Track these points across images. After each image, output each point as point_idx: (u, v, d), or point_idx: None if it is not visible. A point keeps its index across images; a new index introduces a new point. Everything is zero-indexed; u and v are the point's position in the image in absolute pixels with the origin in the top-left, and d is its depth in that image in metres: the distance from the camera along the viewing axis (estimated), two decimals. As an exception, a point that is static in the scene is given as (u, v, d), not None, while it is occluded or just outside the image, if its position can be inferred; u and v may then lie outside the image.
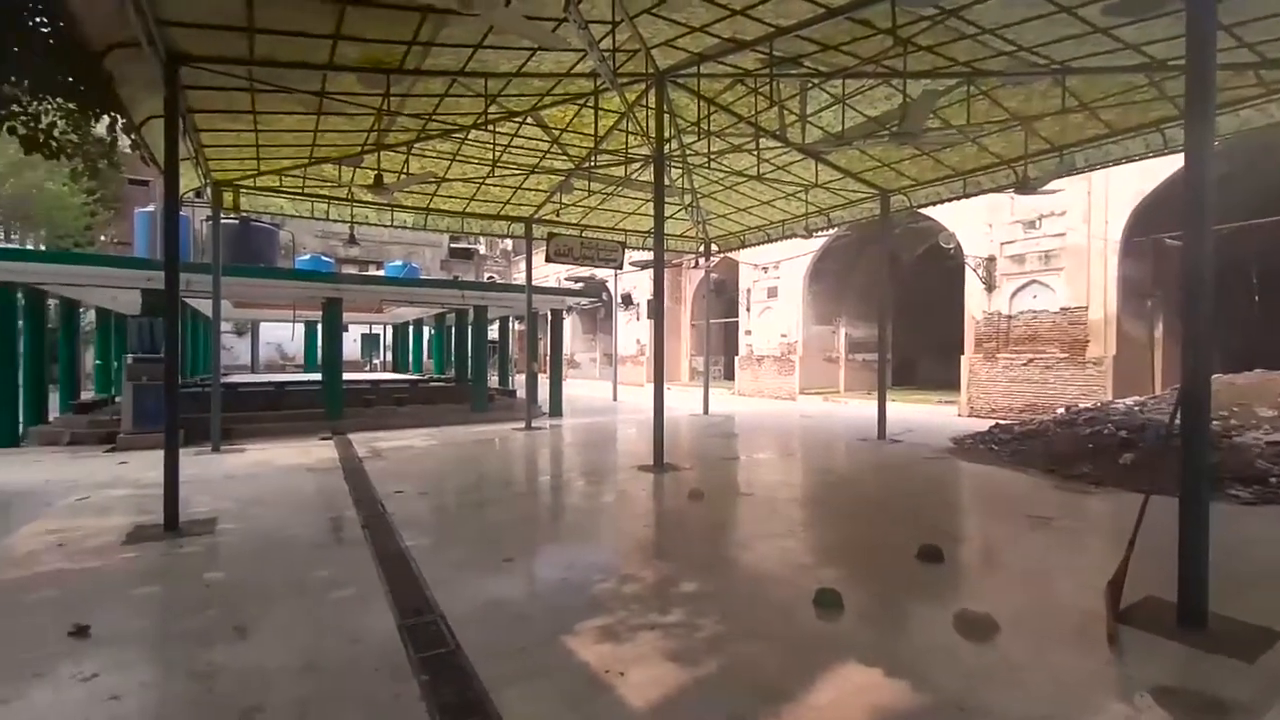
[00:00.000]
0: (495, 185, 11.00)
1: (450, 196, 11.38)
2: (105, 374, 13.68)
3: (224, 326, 11.93)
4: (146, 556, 4.33)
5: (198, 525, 4.99)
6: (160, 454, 5.11)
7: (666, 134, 8.20)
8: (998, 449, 8.61)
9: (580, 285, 25.13)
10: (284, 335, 28.12)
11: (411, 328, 21.78)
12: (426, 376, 17.83)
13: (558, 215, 12.60)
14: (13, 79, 4.73)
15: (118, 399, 10.93)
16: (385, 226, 11.89)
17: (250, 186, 9.89)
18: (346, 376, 12.58)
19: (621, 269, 14.78)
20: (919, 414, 13.85)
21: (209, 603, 3.54)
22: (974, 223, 13.60)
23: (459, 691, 2.61)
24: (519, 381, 17.52)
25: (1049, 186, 8.69)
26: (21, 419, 9.47)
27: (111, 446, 9.00)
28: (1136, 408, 9.00)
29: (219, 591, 3.73)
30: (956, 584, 4.00)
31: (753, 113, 8.53)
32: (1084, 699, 2.61)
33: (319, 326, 18.03)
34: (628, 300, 25.51)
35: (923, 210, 11.63)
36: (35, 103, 5.14)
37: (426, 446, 9.55)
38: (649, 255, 17.59)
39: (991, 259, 13.45)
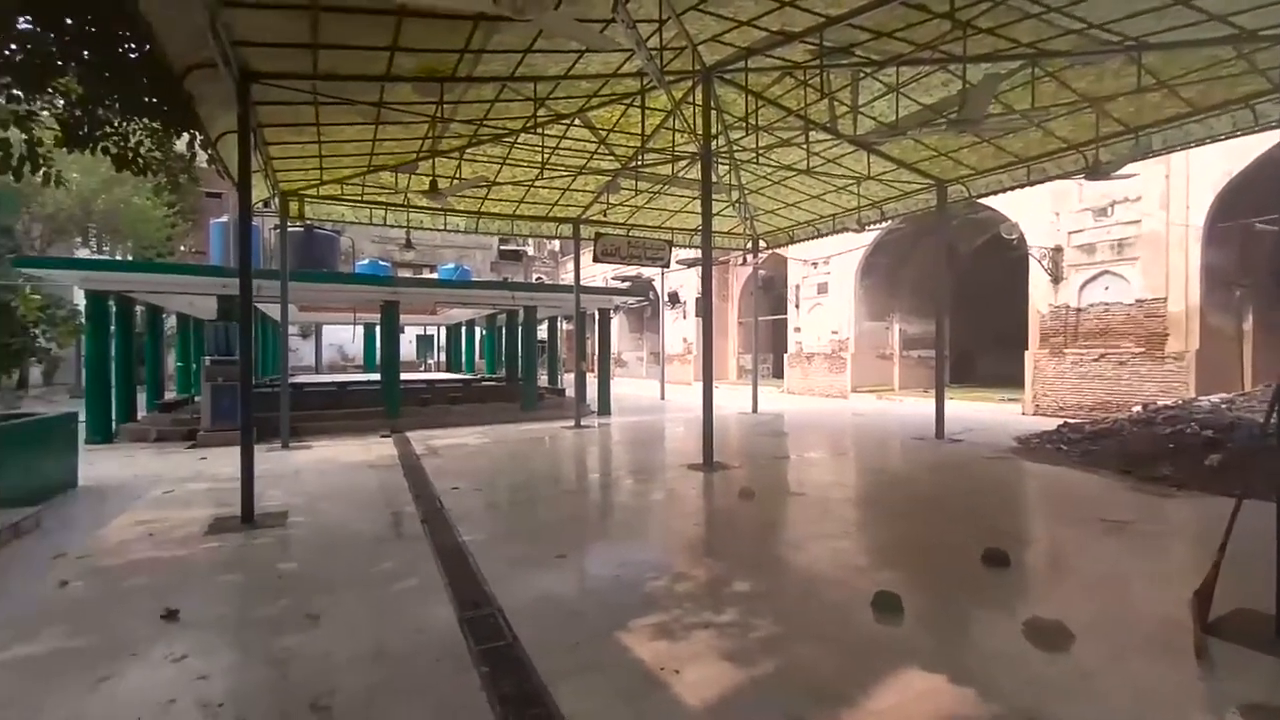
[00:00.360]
0: (544, 187, 11.17)
1: (500, 199, 11.63)
2: (185, 375, 14.61)
3: (290, 329, 12.55)
4: (226, 547, 4.60)
5: (271, 518, 5.27)
6: (235, 450, 5.42)
7: (713, 130, 8.14)
8: (1067, 449, 8.19)
9: (627, 284, 25.25)
10: (345, 337, 29.38)
11: (464, 329, 22.36)
12: (479, 376, 18.29)
13: (605, 215, 12.69)
14: (105, 102, 5.10)
15: (197, 398, 11.65)
16: (439, 230, 12.26)
17: (314, 195, 10.37)
18: (403, 376, 13.02)
19: (668, 267, 14.76)
20: (980, 412, 13.31)
21: (282, 592, 3.74)
22: (1038, 212, 12.95)
23: (518, 683, 2.67)
24: (567, 380, 17.75)
25: (1123, 171, 8.18)
26: (114, 417, 10.22)
27: (192, 443, 9.61)
28: (1224, 405, 8.39)
29: (291, 581, 3.93)
30: (1025, 590, 3.83)
31: (802, 106, 8.37)
32: (1167, 714, 2.46)
33: (377, 329, 18.77)
34: (674, 299, 25.48)
35: (982, 200, 11.16)
36: (125, 123, 5.53)
37: (479, 444, 9.79)
38: (696, 253, 17.54)
39: (1058, 249, 12.78)
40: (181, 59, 4.79)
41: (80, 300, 15.18)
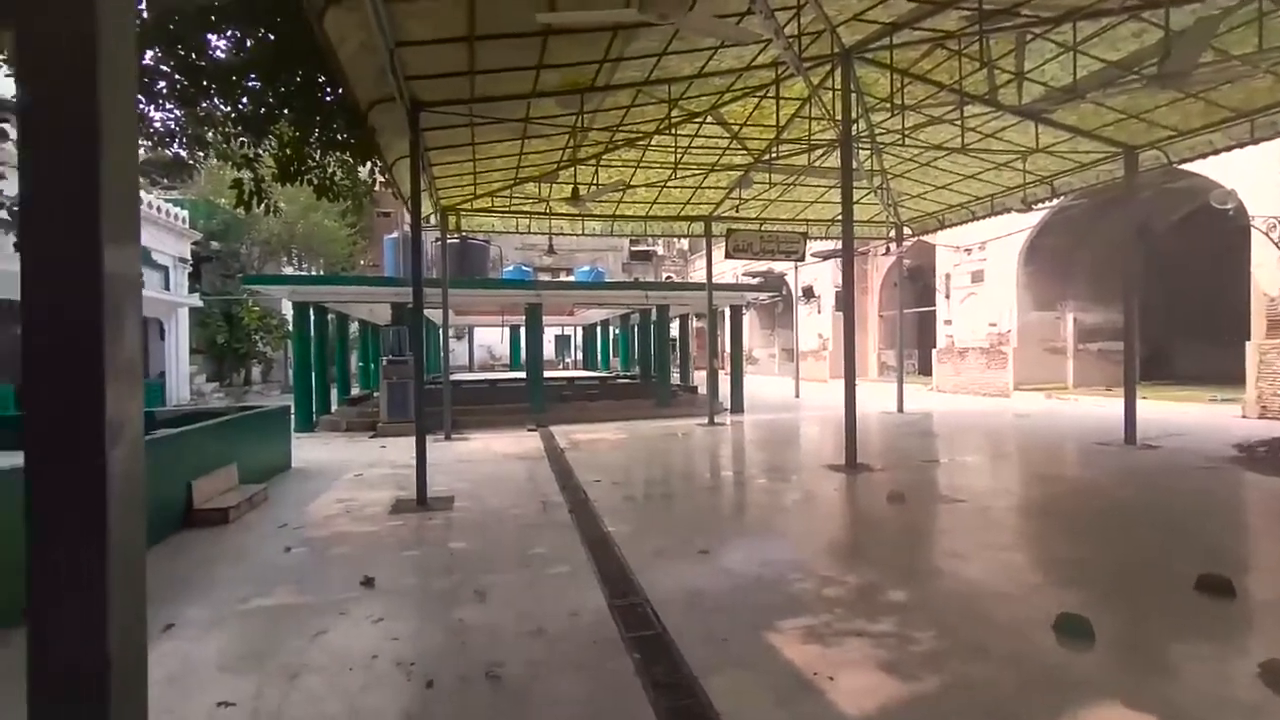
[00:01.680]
0: (676, 187, 11.30)
1: (634, 201, 11.94)
2: (366, 373, 16.69)
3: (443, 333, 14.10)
4: (406, 525, 5.20)
5: (440, 502, 5.86)
6: (408, 440, 6.10)
7: (853, 114, 7.73)
8: (1308, 460, 6.75)
9: (758, 280, 24.78)
10: (493, 339, 31.89)
11: (599, 328, 23.26)
12: (614, 374, 18.92)
13: (737, 211, 12.56)
14: (309, 142, 6.00)
15: (375, 394, 13.25)
16: (577, 235, 12.88)
17: (468, 209, 11.34)
18: (545, 375, 13.85)
19: (803, 261, 14.28)
20: (1183, 414, 11.38)
21: (453, 568, 4.14)
22: (1263, 175, 10.78)
23: (669, 673, 2.73)
24: (699, 378, 17.80)
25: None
26: (314, 410, 11.94)
27: (373, 433, 10.95)
28: None
29: (461, 559, 4.34)
30: (1257, 626, 3.22)
31: (955, 79, 7.68)
32: None
33: (522, 330, 20.13)
34: (809, 293, 24.59)
35: (1185, 166, 9.50)
36: (324, 158, 6.45)
37: (617, 439, 10.14)
38: (832, 245, 16.77)
39: (1292, 218, 10.56)
40: (367, 96, 5.46)
41: (287, 310, 17.88)
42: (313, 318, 12.19)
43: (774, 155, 9.73)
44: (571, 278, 25.46)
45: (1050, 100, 7.09)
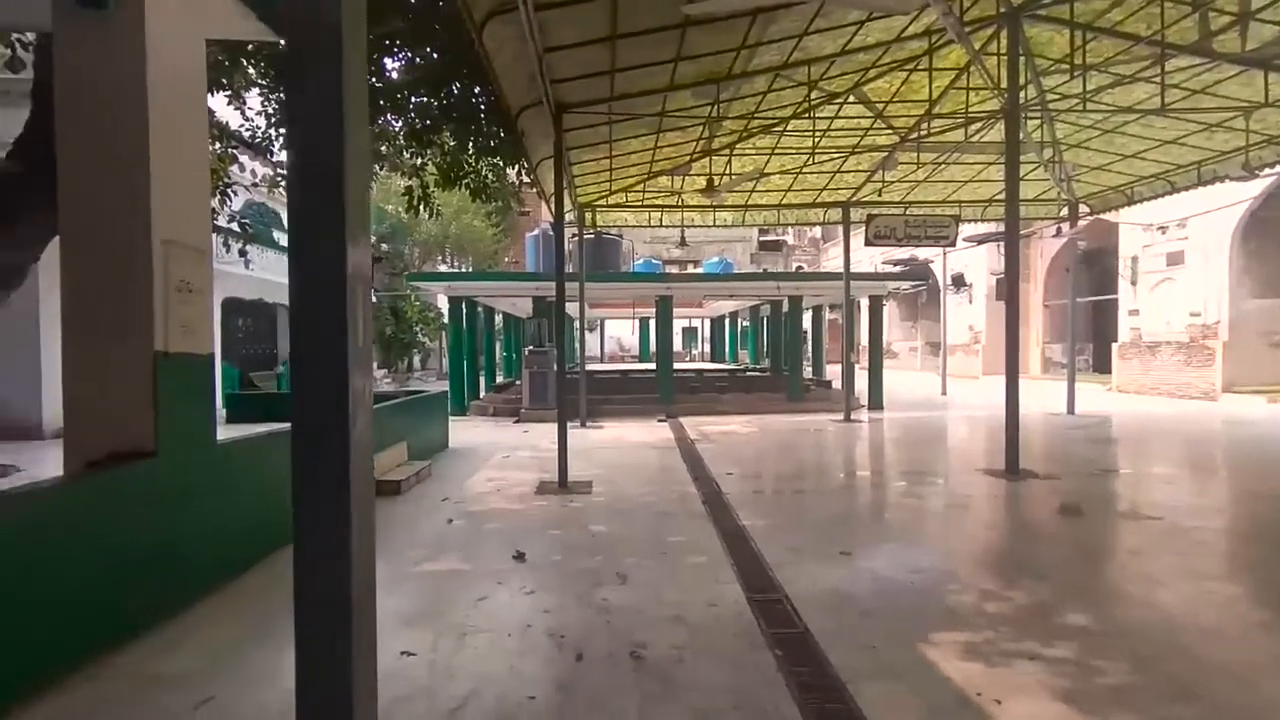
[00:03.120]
0: (812, 173, 10.88)
1: (768, 190, 11.67)
2: (509, 362, 17.95)
3: (579, 325, 14.80)
4: (550, 506, 5.53)
5: (580, 485, 6.16)
6: (547, 425, 6.47)
7: (1021, 80, 6.93)
8: None
9: (900, 268, 23.15)
10: (622, 331, 32.88)
11: (727, 320, 23.08)
12: (743, 366, 18.70)
13: (879, 195, 11.81)
14: (468, 150, 6.56)
15: (518, 382, 14.21)
16: (708, 227, 12.85)
17: (604, 205, 11.73)
18: (674, 366, 14.01)
19: (953, 246, 13.10)
20: None
21: (595, 550, 4.34)
22: None
23: (814, 674, 2.66)
24: (833, 372, 17.05)
25: None
26: (465, 395, 13.08)
27: (517, 418, 11.76)
28: None
29: (601, 541, 4.53)
30: None
31: (1155, 29, 6.61)
32: None
33: (651, 322, 20.51)
34: (958, 282, 22.59)
35: None
36: (479, 163, 7.02)
37: (747, 433, 10.01)
38: (986, 228, 15.24)
39: None
40: (517, 102, 5.85)
41: (443, 304, 19.65)
42: (464, 311, 13.33)
43: (923, 132, 9.01)
44: (699, 269, 25.48)
45: (1287, 43, 5.86)
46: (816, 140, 9.31)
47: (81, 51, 3.18)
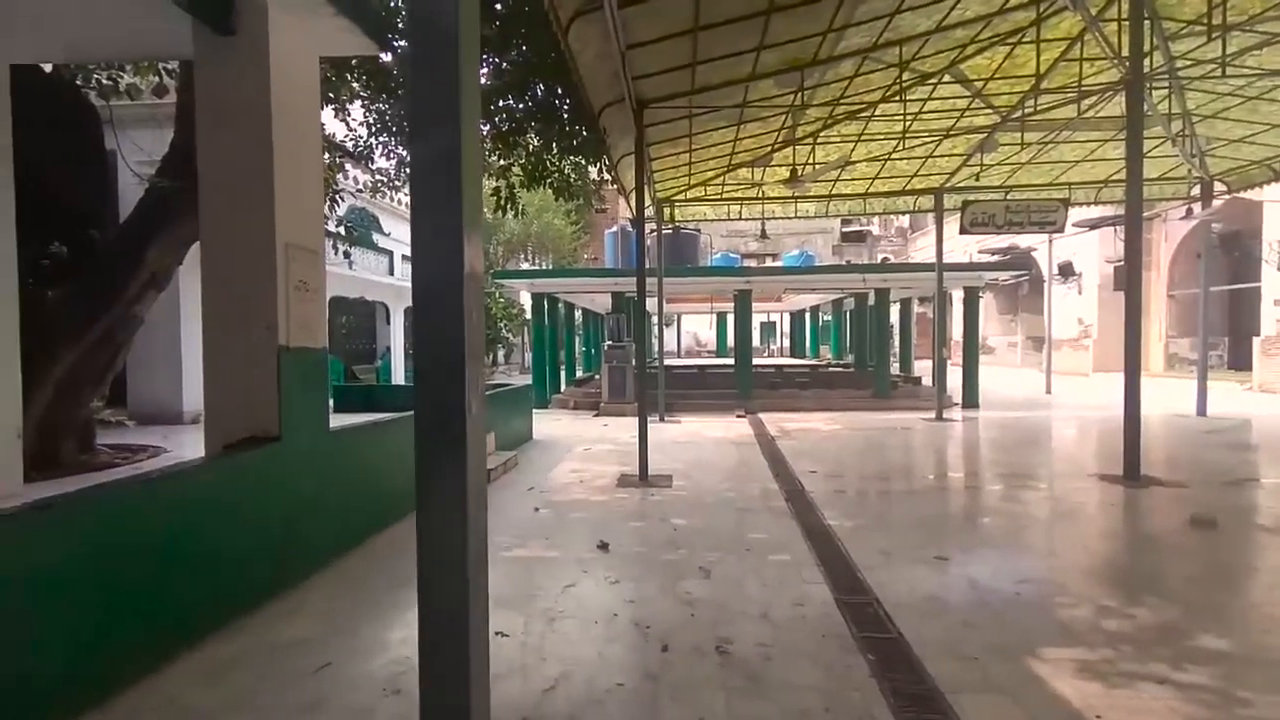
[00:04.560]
0: (902, 159, 10.36)
1: (853, 179, 11.24)
2: (588, 357, 18.31)
3: (656, 319, 14.86)
4: (631, 498, 5.60)
5: (660, 479, 6.20)
6: (626, 419, 6.54)
7: (1146, 46, 6.27)
8: None
9: (998, 258, 21.66)
10: (699, 325, 32.75)
11: (807, 314, 22.46)
12: (825, 362, 18.15)
13: (976, 179, 11.08)
14: (551, 149, 6.74)
15: (597, 376, 14.47)
16: (789, 219, 12.54)
17: (682, 199, 11.70)
18: (753, 361, 13.78)
19: (1061, 233, 12.11)
20: None
21: (677, 543, 4.35)
22: None
23: (911, 682, 2.54)
24: (921, 368, 16.23)
25: None
26: (547, 389, 13.47)
27: (596, 412, 11.98)
28: None
29: (683, 535, 4.54)
30: None
31: (1314, -23, 5.80)
32: None
33: (729, 316, 20.31)
34: (1066, 271, 20.86)
35: None
36: (562, 162, 7.19)
37: (830, 430, 9.71)
38: (1100, 211, 13.97)
39: None
40: (600, 100, 5.92)
41: (525, 301, 20.30)
42: (546, 307, 13.70)
43: (1028, 110, 8.36)
44: (778, 263, 24.95)
45: None
46: (907, 124, 8.84)
47: (216, 74, 3.52)
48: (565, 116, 6.70)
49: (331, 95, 7.04)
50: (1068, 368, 20.24)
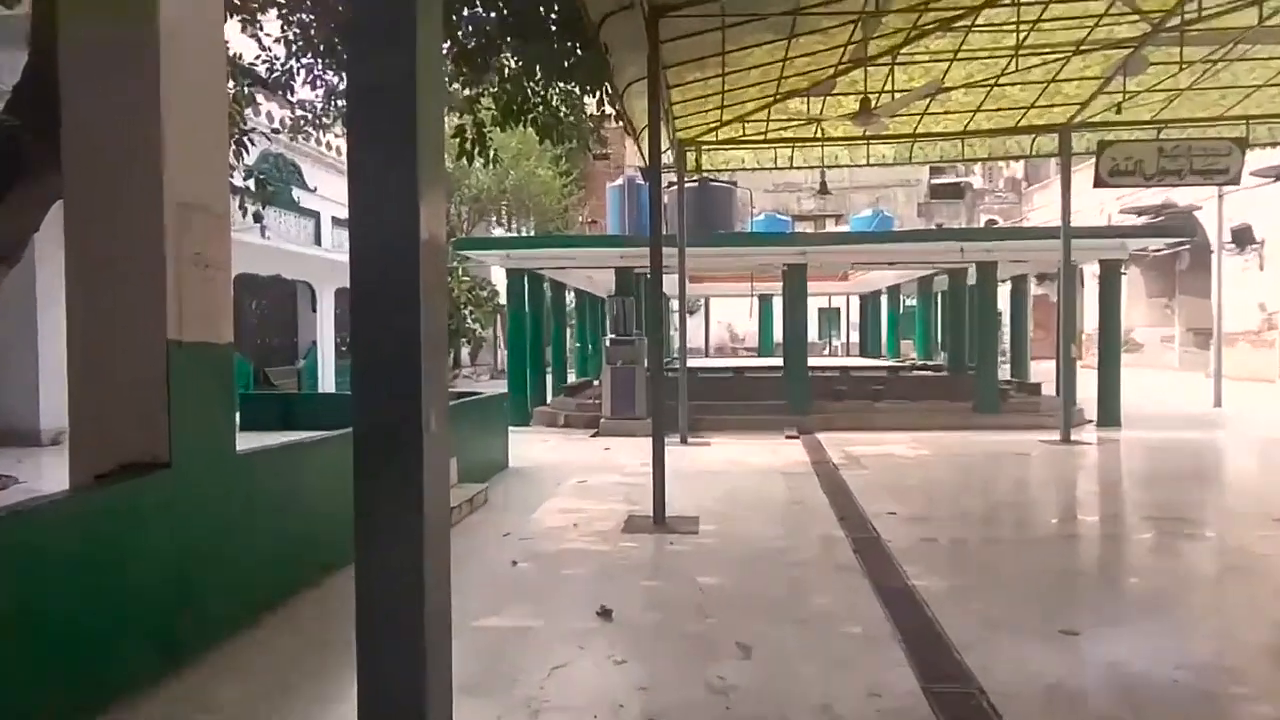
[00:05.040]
0: (1014, 84, 10.34)
1: (945, 113, 11.23)
2: (583, 356, 18.41)
3: (676, 304, 14.75)
4: (643, 548, 5.63)
5: (682, 523, 6.21)
6: (634, 441, 6.57)
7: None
8: None
9: (1145, 220, 21.49)
10: (735, 313, 32.67)
11: (884, 297, 22.39)
12: (906, 363, 18.11)
13: (1117, 112, 10.97)
14: (534, 75, 6.79)
15: (596, 382, 14.53)
16: (857, 166, 12.54)
17: (711, 142, 11.72)
18: (810, 362, 13.78)
19: (1235, 184, 12.01)
20: None
21: (706, 610, 4.36)
22: None
23: (1027, 802, 2.54)
24: (1041, 373, 16.17)
25: None
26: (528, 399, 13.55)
27: (595, 431, 12.04)
28: None
29: (713, 598, 4.55)
30: None
31: None
32: None
33: (775, 300, 20.32)
34: (1241, 239, 20.66)
35: None
36: (548, 91, 7.23)
37: (917, 457, 9.71)
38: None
39: None
40: (599, 7, 5.95)
41: (499, 280, 20.37)
42: (527, 288, 13.77)
43: (1189, 15, 8.29)
44: (845, 227, 24.88)
45: None
46: (1021, 37, 8.78)
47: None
48: (553, 30, 6.73)
49: (238, 2, 7.13)
50: (1245, 371, 20.06)
